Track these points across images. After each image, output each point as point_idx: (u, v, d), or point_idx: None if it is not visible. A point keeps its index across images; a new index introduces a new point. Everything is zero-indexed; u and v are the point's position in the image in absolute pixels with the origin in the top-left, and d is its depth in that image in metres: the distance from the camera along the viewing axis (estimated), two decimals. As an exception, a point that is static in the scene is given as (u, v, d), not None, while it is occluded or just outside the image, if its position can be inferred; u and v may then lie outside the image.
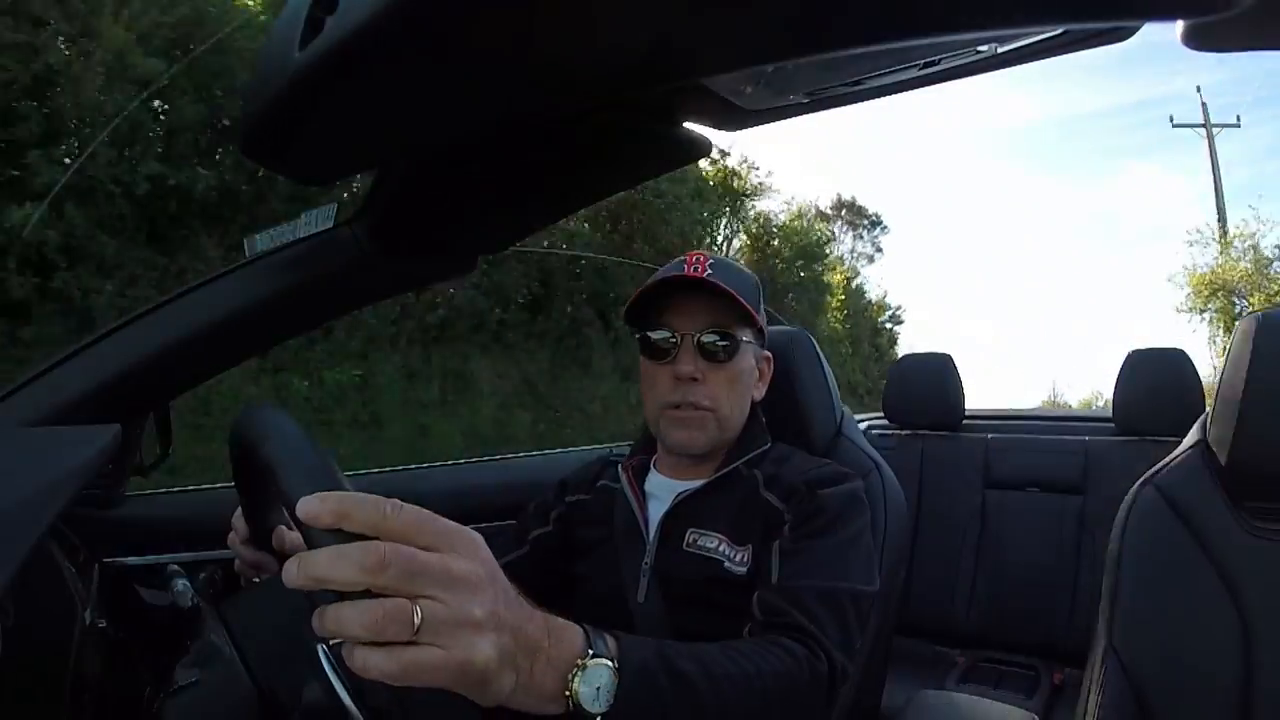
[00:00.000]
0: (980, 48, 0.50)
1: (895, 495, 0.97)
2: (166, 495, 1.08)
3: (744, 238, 10.44)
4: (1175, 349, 2.02)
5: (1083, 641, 1.66)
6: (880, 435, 2.17)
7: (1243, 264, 10.01)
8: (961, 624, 1.93)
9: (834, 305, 12.10)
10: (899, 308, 14.71)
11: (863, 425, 2.17)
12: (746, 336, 0.85)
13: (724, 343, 0.83)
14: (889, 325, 14.48)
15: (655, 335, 0.85)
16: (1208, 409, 0.83)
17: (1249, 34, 0.36)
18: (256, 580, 0.73)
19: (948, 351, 2.17)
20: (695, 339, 0.83)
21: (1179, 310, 10.55)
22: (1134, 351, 1.95)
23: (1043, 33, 0.46)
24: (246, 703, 0.53)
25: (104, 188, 3.43)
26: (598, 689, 0.47)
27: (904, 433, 2.15)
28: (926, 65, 0.53)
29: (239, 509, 0.73)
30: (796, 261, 10.87)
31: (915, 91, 0.59)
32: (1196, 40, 0.37)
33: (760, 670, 0.60)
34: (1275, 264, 9.91)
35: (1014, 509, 1.96)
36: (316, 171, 0.56)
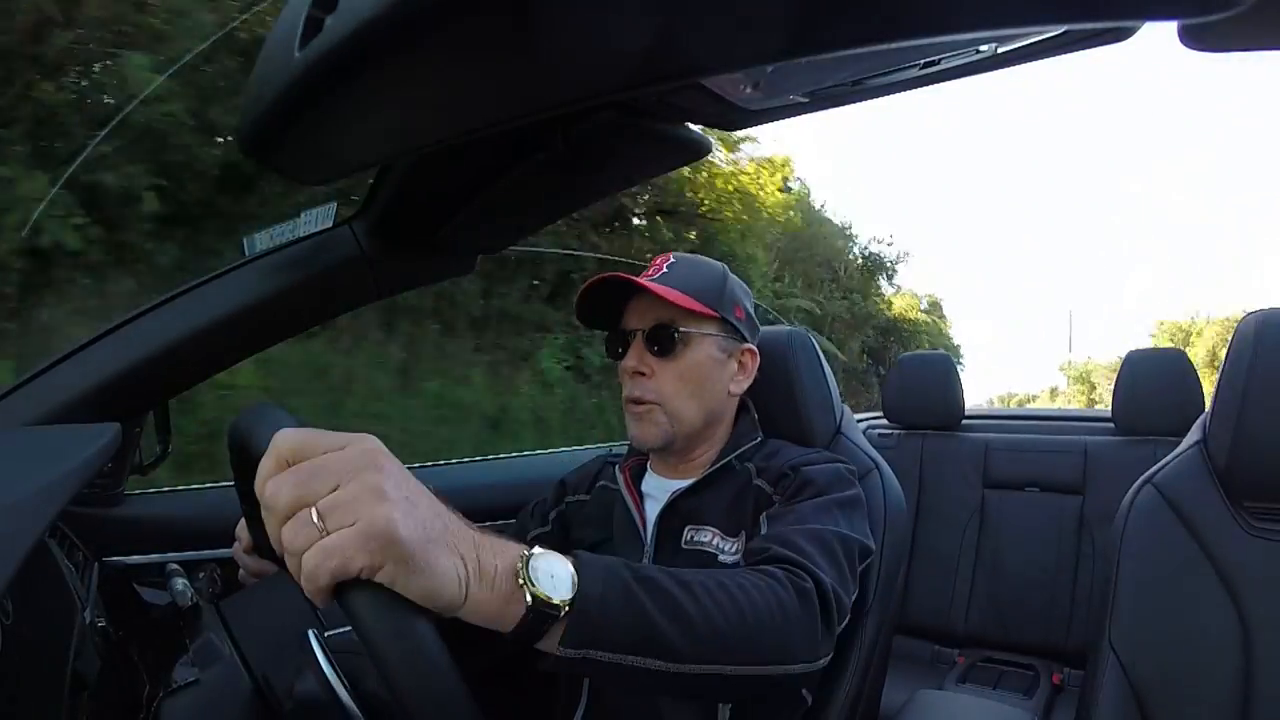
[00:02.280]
0: (980, 48, 0.50)
1: (895, 495, 0.97)
2: (166, 494, 1.08)
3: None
4: (1175, 349, 2.03)
5: (1082, 641, 1.66)
6: (880, 435, 2.17)
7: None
8: (961, 624, 1.93)
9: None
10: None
11: (863, 425, 2.17)
12: (705, 330, 0.87)
13: (669, 337, 0.85)
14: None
15: (612, 335, 0.90)
16: (1207, 409, 0.83)
17: (1249, 34, 0.36)
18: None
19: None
20: (643, 334, 0.86)
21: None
22: (1133, 352, 1.95)
23: (1042, 33, 0.46)
24: (246, 702, 0.53)
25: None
26: (552, 576, 0.46)
27: (904, 432, 2.16)
28: (926, 65, 0.53)
29: (242, 520, 0.73)
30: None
31: (912, 92, 0.59)
32: (1196, 40, 0.37)
33: (741, 585, 0.58)
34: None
35: (1013, 509, 1.96)
36: (316, 171, 0.56)
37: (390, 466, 0.41)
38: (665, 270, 0.87)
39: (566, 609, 0.46)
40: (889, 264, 13.11)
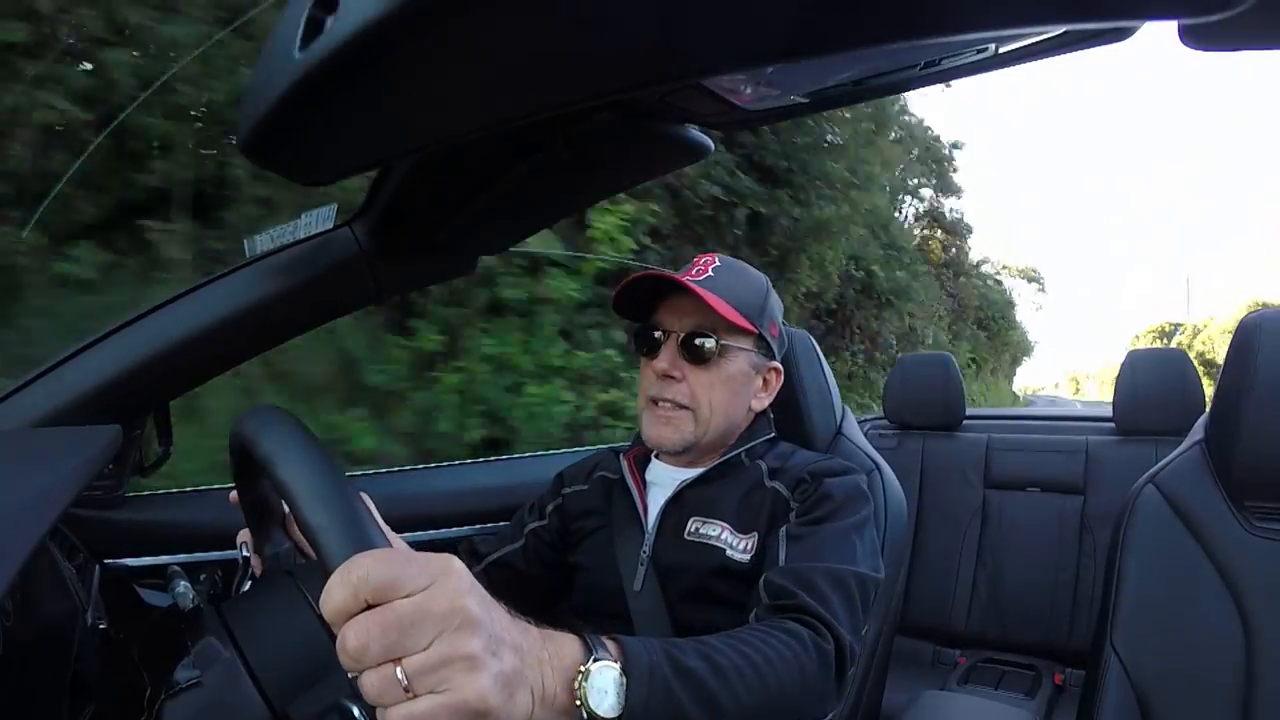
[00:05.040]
0: (980, 48, 0.50)
1: (895, 495, 0.97)
2: (167, 496, 1.08)
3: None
4: (1175, 349, 2.03)
5: (1084, 641, 1.66)
6: (880, 435, 2.17)
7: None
8: (962, 624, 1.93)
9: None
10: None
11: (863, 425, 2.17)
12: (741, 344, 0.85)
13: (707, 344, 0.83)
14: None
15: (644, 330, 0.87)
16: (1208, 409, 0.83)
17: (1249, 34, 0.36)
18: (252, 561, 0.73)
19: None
20: (679, 337, 0.84)
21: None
22: (1133, 352, 1.95)
23: (1042, 33, 0.46)
24: (247, 704, 0.53)
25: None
26: (606, 693, 0.46)
27: (904, 432, 2.15)
28: (927, 66, 0.53)
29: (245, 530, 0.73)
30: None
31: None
32: (1196, 40, 0.37)
33: (768, 659, 0.59)
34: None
35: (1014, 509, 1.96)
36: (316, 172, 0.56)
37: (479, 615, 0.39)
38: (710, 274, 0.84)
39: None
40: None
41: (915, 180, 12.29)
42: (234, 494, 0.68)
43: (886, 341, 8.40)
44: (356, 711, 0.52)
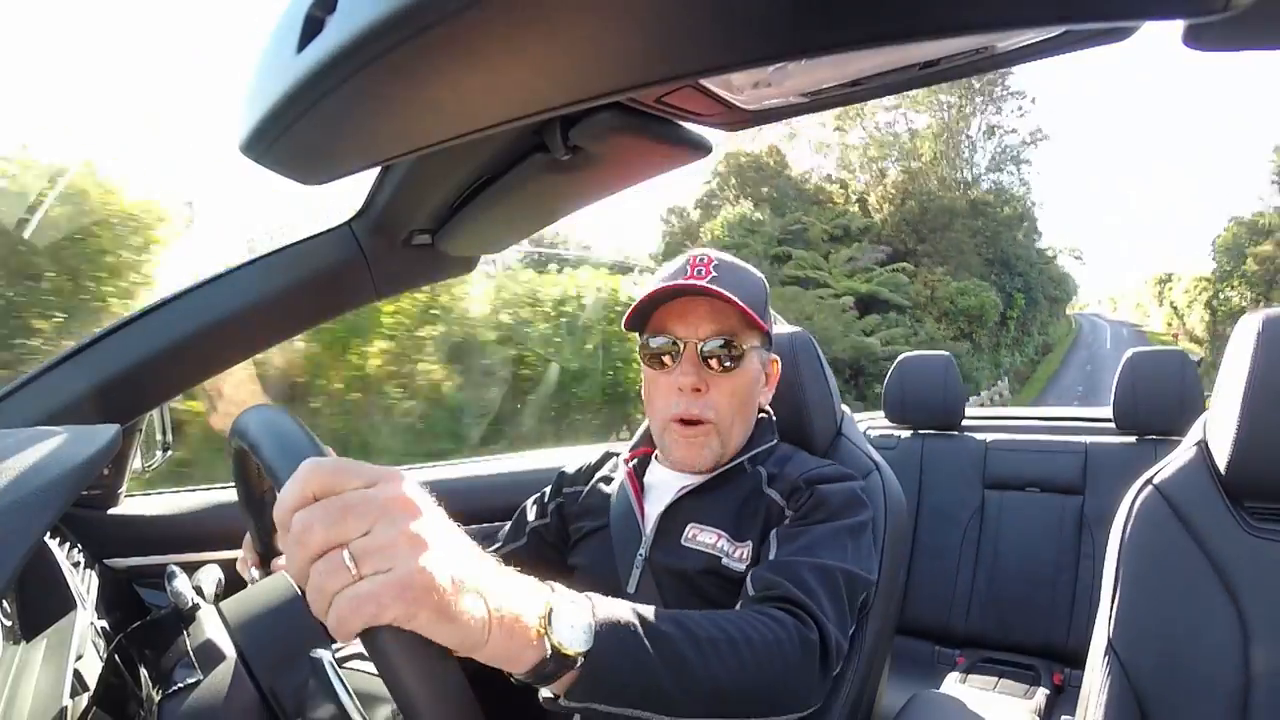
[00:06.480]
0: (979, 47, 0.50)
1: (895, 496, 0.97)
2: (166, 496, 1.08)
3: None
4: (1175, 349, 2.03)
5: (1082, 641, 1.65)
6: (880, 436, 2.17)
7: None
8: (961, 624, 1.93)
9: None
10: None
11: (863, 426, 2.16)
12: (753, 342, 0.82)
13: (728, 351, 0.79)
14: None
15: (656, 342, 0.81)
16: (1207, 409, 0.83)
17: (1249, 34, 0.36)
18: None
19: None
20: (698, 347, 0.79)
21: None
22: (1134, 352, 1.95)
23: (1043, 33, 0.46)
24: (247, 703, 0.53)
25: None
26: (572, 627, 0.46)
27: (904, 433, 2.15)
28: (926, 65, 0.53)
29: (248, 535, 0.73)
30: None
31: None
32: (1196, 40, 0.37)
33: (748, 637, 0.58)
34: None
35: (1014, 509, 1.96)
36: (316, 171, 0.56)
37: (425, 507, 0.40)
38: (714, 273, 0.79)
39: (581, 659, 0.46)
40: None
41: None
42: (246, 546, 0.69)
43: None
44: (326, 660, 0.52)
